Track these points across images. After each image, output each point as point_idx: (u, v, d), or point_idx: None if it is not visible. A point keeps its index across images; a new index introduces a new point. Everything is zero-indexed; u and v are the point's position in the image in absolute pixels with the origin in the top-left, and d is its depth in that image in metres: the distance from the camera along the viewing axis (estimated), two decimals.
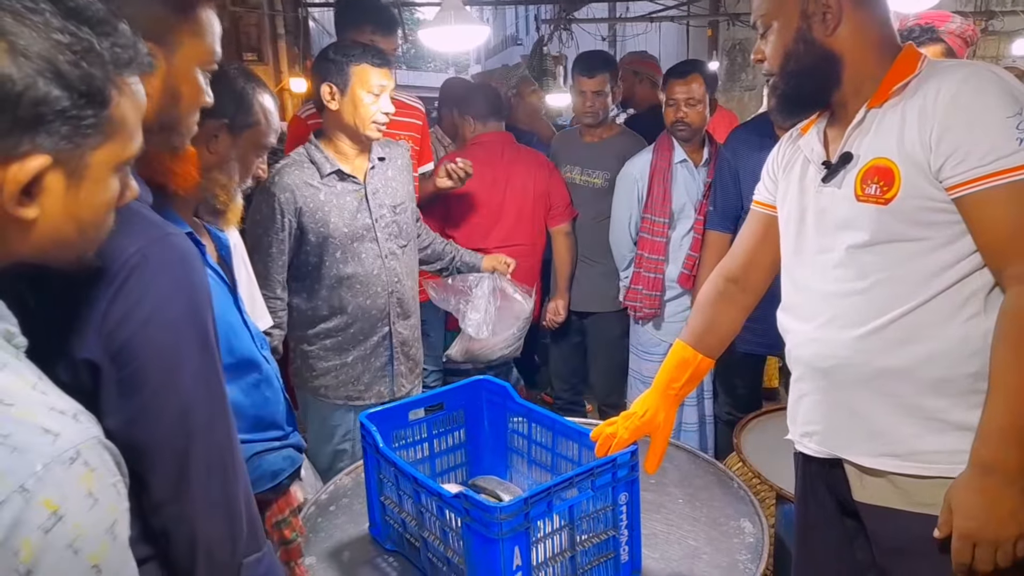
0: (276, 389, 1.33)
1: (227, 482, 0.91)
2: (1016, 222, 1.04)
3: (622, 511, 1.28)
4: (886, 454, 1.19)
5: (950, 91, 1.08)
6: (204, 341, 0.87)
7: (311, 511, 1.58)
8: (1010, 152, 1.03)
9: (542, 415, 1.52)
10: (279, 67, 8.88)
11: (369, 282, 2.02)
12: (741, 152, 2.38)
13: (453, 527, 1.21)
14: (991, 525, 1.05)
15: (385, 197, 2.04)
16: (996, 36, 8.20)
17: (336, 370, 2.06)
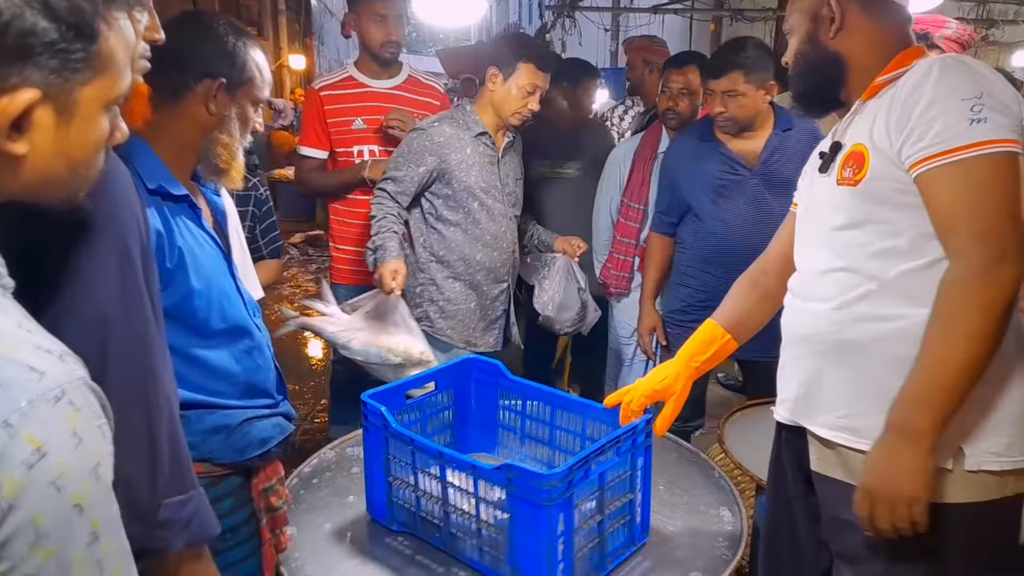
0: (267, 357, 1.34)
1: (148, 415, 0.89)
2: (959, 198, 1.07)
3: (638, 475, 1.34)
4: (842, 427, 1.23)
5: (915, 76, 1.13)
6: (123, 259, 0.85)
7: (294, 483, 1.58)
8: (961, 132, 1.06)
9: (539, 390, 1.55)
10: (279, 43, 8.83)
11: (497, 236, 2.27)
12: (682, 158, 2.41)
13: (492, 499, 1.22)
14: (888, 482, 1.10)
15: (511, 169, 2.32)
16: (996, 47, 8.23)
17: (463, 314, 2.28)
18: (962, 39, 2.19)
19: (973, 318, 1.05)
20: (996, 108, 1.07)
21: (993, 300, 1.04)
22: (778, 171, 2.29)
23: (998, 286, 1.04)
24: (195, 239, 1.21)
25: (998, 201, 1.06)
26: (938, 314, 1.08)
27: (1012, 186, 1.06)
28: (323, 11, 11.86)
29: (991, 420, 1.14)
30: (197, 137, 1.22)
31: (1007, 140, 1.06)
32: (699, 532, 1.44)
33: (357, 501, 1.52)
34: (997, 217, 1.06)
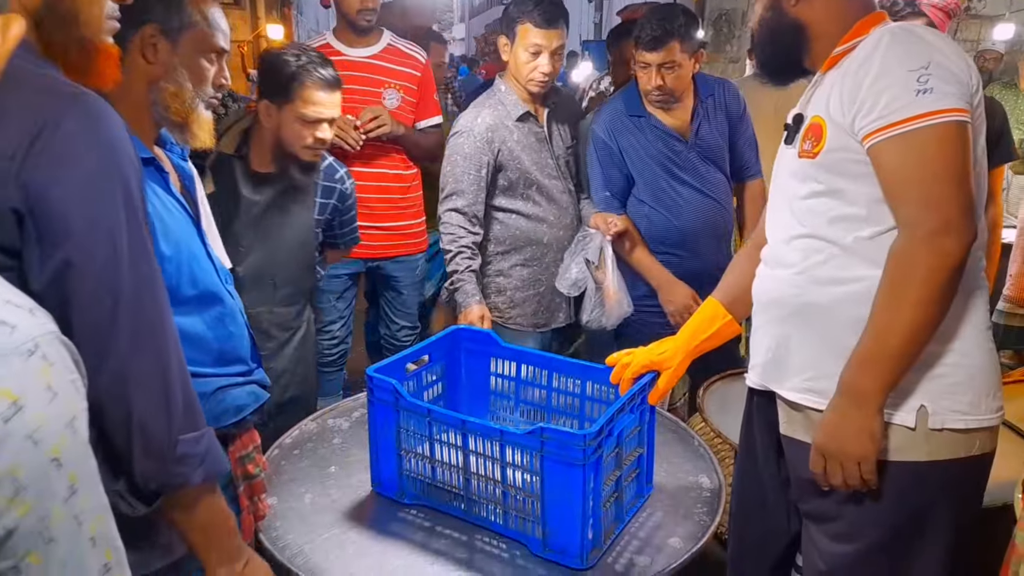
0: (240, 324, 1.32)
1: (158, 353, 0.90)
2: (905, 168, 1.09)
3: (645, 430, 1.38)
4: (808, 389, 1.25)
5: (865, 49, 1.14)
6: (127, 200, 0.86)
7: (275, 454, 1.58)
8: (907, 103, 1.07)
9: (534, 355, 1.58)
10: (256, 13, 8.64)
11: (559, 215, 2.20)
12: (620, 133, 2.21)
13: (521, 463, 1.23)
14: (837, 441, 1.15)
15: (560, 139, 2.21)
16: (978, 19, 8.25)
17: (531, 299, 2.23)
18: (947, 7, 2.18)
19: (917, 286, 1.07)
20: (942, 77, 1.07)
21: (936, 268, 1.06)
22: (708, 141, 2.22)
23: (941, 255, 1.06)
24: (163, 204, 1.19)
25: (943, 171, 1.07)
26: (885, 282, 1.11)
27: (958, 155, 1.07)
28: None
29: (954, 379, 1.16)
30: (144, 90, 1.18)
31: (952, 109, 1.06)
32: (678, 499, 1.46)
33: (339, 472, 1.52)
34: (941, 187, 1.07)
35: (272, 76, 1.77)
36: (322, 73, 1.77)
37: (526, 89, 2.10)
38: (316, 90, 1.76)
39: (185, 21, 1.21)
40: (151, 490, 0.95)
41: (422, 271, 2.73)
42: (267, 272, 1.86)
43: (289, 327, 1.94)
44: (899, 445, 1.16)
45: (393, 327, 2.73)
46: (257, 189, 1.83)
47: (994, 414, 1.19)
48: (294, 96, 1.76)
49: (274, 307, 1.90)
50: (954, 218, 1.06)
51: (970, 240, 1.08)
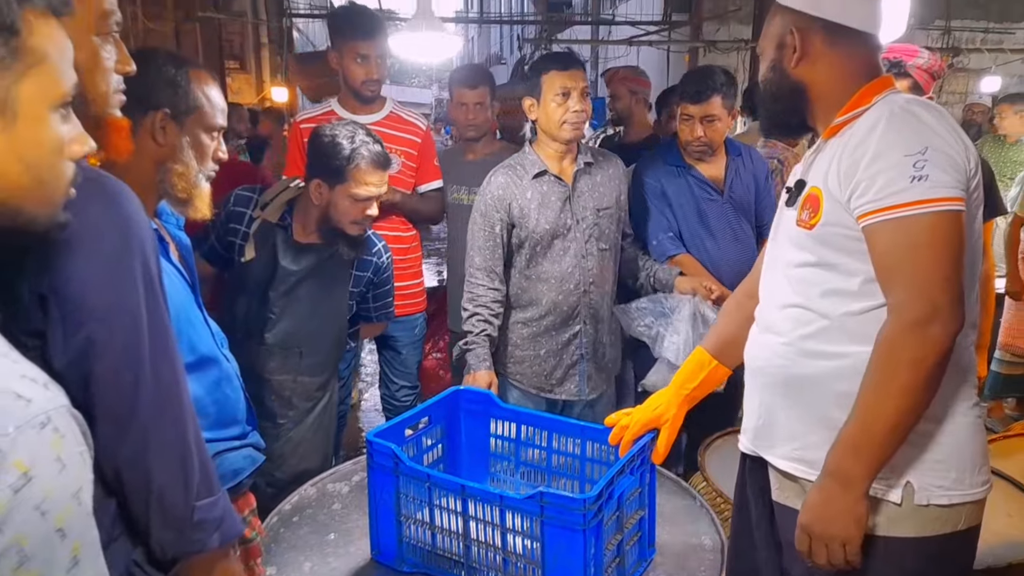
0: (236, 387, 1.34)
1: (177, 422, 0.92)
2: (896, 254, 1.09)
3: (646, 492, 1.37)
4: (798, 459, 1.24)
5: (864, 127, 1.15)
6: (146, 276, 0.88)
7: (274, 521, 1.57)
8: (902, 189, 1.07)
9: (533, 416, 1.57)
10: (261, 76, 8.89)
11: (564, 278, 2.12)
12: (661, 182, 2.37)
13: (520, 529, 1.22)
14: (822, 523, 1.14)
15: (590, 200, 2.13)
16: (965, 73, 8.45)
17: (530, 360, 2.17)
18: (932, 69, 2.25)
19: (903, 373, 1.07)
20: (939, 164, 1.07)
21: (923, 356, 1.07)
22: (740, 195, 2.37)
23: (928, 343, 1.06)
24: (163, 272, 1.22)
25: (933, 260, 1.07)
26: (872, 367, 1.10)
27: (949, 244, 1.08)
28: (306, 44, 11.97)
29: (938, 455, 1.15)
30: (152, 170, 1.23)
31: (947, 199, 1.07)
32: (682, 560, 1.44)
33: (338, 539, 1.51)
34: (931, 276, 1.07)
35: (326, 158, 1.81)
36: (373, 153, 1.83)
37: (560, 139, 2.06)
38: (369, 172, 1.82)
39: (191, 105, 1.26)
40: (167, 558, 0.96)
41: (421, 331, 2.74)
42: (295, 341, 1.88)
43: (312, 397, 1.94)
44: (886, 520, 1.16)
45: (392, 387, 2.73)
46: (296, 259, 1.86)
47: (980, 488, 1.18)
48: (348, 177, 1.81)
49: (299, 376, 1.91)
50: (942, 307, 1.07)
51: (957, 328, 1.08)
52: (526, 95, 2.11)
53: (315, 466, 1.92)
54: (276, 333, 1.85)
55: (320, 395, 1.96)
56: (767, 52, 1.30)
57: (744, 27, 8.14)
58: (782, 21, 1.26)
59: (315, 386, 1.94)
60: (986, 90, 7.59)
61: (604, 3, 12.66)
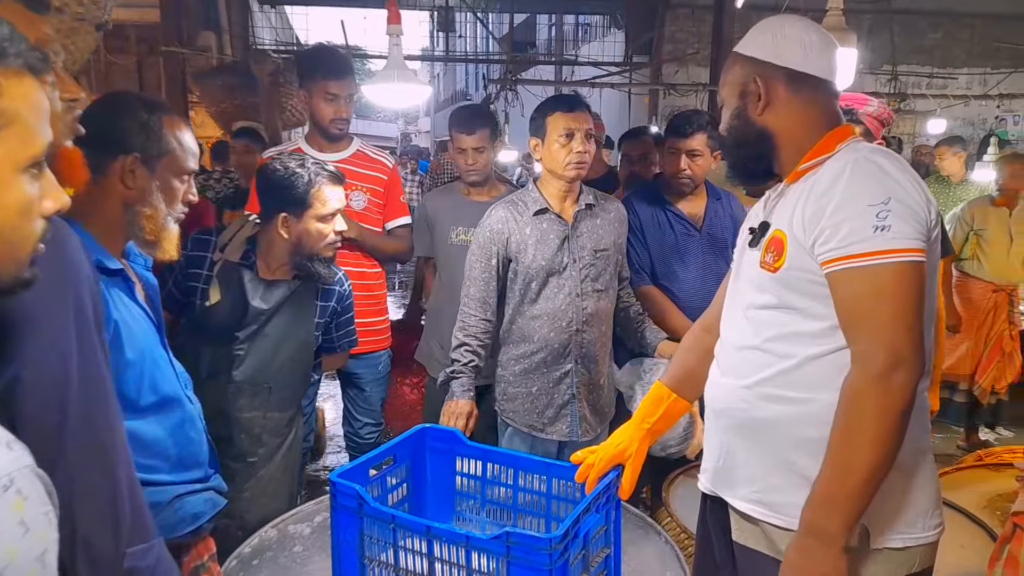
0: (199, 430, 1.32)
1: (107, 466, 0.89)
2: (860, 303, 1.11)
3: (611, 529, 1.36)
4: (757, 501, 1.25)
5: (829, 175, 1.17)
6: (79, 317, 0.86)
7: (233, 565, 1.53)
8: (865, 238, 1.09)
9: (500, 454, 1.56)
10: None
11: (557, 316, 2.12)
12: (640, 217, 2.48)
13: (487, 570, 1.20)
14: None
15: (588, 240, 2.15)
16: (912, 115, 8.82)
17: (522, 398, 2.17)
18: (881, 116, 2.35)
19: (872, 424, 1.08)
20: (901, 215, 1.09)
21: (889, 406, 1.08)
22: (717, 233, 2.47)
23: (893, 392, 1.08)
24: (129, 312, 1.21)
25: (896, 309, 1.09)
26: (840, 420, 1.11)
27: (910, 294, 1.10)
28: None
29: (893, 500, 1.17)
30: (120, 212, 1.23)
31: (908, 250, 1.10)
32: None
33: None
34: (894, 326, 1.09)
35: (287, 191, 1.82)
36: (328, 172, 1.87)
37: (563, 178, 2.09)
38: (328, 188, 1.85)
39: (163, 149, 1.26)
40: None
41: (385, 367, 2.72)
42: (264, 377, 1.86)
43: (280, 433, 1.92)
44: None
45: (356, 424, 2.70)
46: (266, 297, 1.85)
47: (933, 531, 1.20)
48: (312, 201, 1.83)
49: (268, 412, 1.88)
50: (906, 356, 1.09)
51: (919, 375, 1.10)
52: (532, 137, 2.15)
53: (283, 506, 1.89)
54: (244, 370, 1.83)
55: (287, 431, 1.94)
56: (729, 101, 1.32)
57: (702, 69, 8.39)
58: (743, 70, 1.29)
59: (284, 421, 1.92)
60: (932, 132, 7.91)
61: (567, 44, 12.96)
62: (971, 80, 9.56)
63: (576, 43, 12.85)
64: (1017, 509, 1.41)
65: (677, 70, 8.82)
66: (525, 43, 14.55)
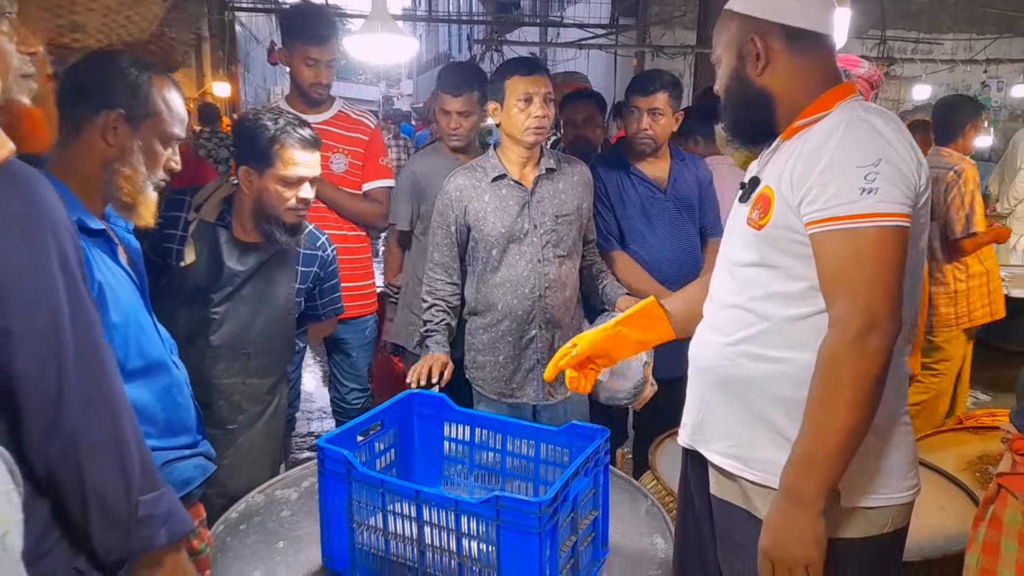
0: (187, 395, 1.31)
1: (110, 416, 0.88)
2: (841, 266, 1.10)
3: (600, 492, 1.37)
4: (733, 456, 1.26)
5: (822, 133, 1.15)
6: (62, 260, 0.84)
7: (220, 529, 1.52)
8: (851, 200, 1.08)
9: (488, 419, 1.57)
10: (202, 70, 8.65)
11: (519, 283, 2.11)
12: (605, 181, 2.45)
13: (475, 534, 1.21)
14: (782, 545, 1.13)
15: (549, 206, 2.12)
16: (897, 80, 8.81)
17: (491, 366, 2.17)
18: (872, 79, 2.33)
19: (848, 388, 1.08)
20: (890, 178, 1.08)
21: (865, 370, 1.08)
22: (683, 193, 2.46)
23: (869, 356, 1.08)
24: (112, 274, 1.18)
25: (875, 274, 1.09)
26: (817, 383, 1.11)
27: (892, 259, 1.09)
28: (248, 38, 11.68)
29: (865, 461, 1.17)
30: (99, 170, 1.19)
31: (894, 214, 1.08)
32: (634, 560, 1.46)
33: (288, 547, 1.47)
34: (872, 290, 1.09)
35: (251, 142, 1.75)
36: (301, 133, 1.77)
37: (522, 143, 2.06)
38: (296, 151, 1.75)
39: (149, 110, 1.22)
40: (113, 560, 0.91)
41: (372, 333, 2.70)
42: (241, 342, 1.82)
43: (262, 400, 1.89)
44: None
45: (343, 390, 2.69)
46: (242, 259, 1.80)
47: (907, 492, 1.21)
48: (275, 159, 1.74)
49: (247, 378, 1.85)
50: (881, 319, 1.08)
51: (894, 337, 1.10)
52: (491, 100, 2.11)
53: (265, 473, 1.88)
54: (222, 335, 1.79)
55: (269, 399, 1.91)
56: (726, 61, 1.29)
57: (689, 32, 8.30)
58: (739, 28, 1.25)
59: (264, 388, 1.89)
60: (917, 97, 7.93)
61: (552, 5, 12.75)
62: (956, 46, 9.55)
63: (561, 4, 12.64)
64: (1002, 470, 1.42)
65: (664, 33, 8.72)
66: (509, 3, 14.29)
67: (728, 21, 1.28)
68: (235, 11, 8.95)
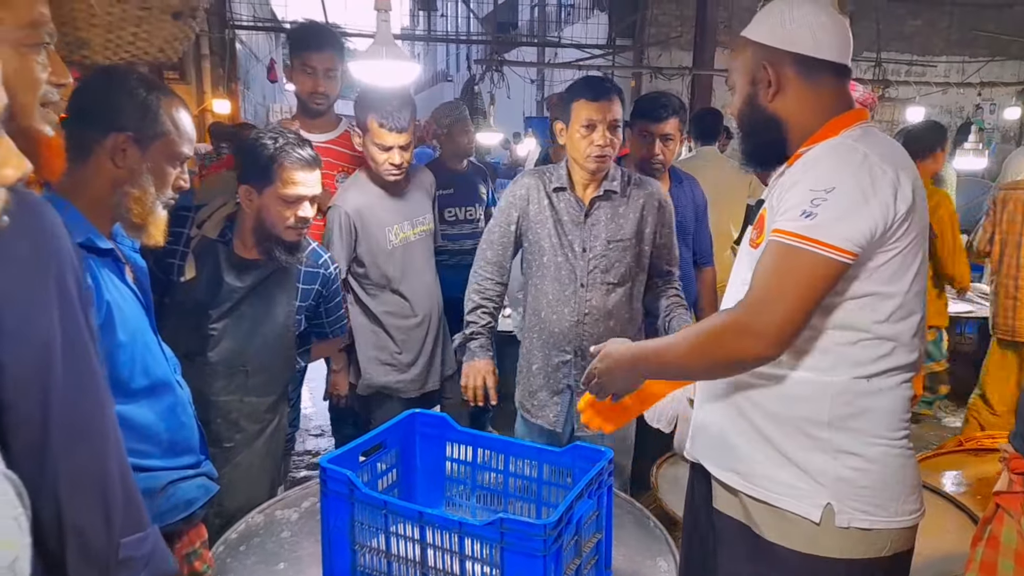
0: (190, 415, 1.31)
1: (96, 453, 0.86)
2: (766, 267, 1.14)
3: (603, 514, 1.37)
4: (733, 470, 1.27)
5: (812, 155, 1.19)
6: (62, 294, 0.83)
7: (220, 550, 1.51)
8: (792, 218, 1.12)
9: (491, 439, 1.56)
10: (202, 88, 8.68)
11: (560, 302, 2.04)
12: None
13: (479, 556, 1.21)
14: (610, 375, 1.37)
15: (603, 229, 2.03)
16: (892, 103, 8.90)
17: (523, 373, 2.12)
18: (866, 102, 2.37)
19: (709, 354, 1.18)
20: (837, 208, 1.09)
21: (729, 356, 1.15)
22: (680, 217, 2.46)
23: (739, 351, 1.14)
24: (120, 293, 1.18)
25: (788, 292, 1.11)
26: (699, 330, 1.21)
27: (809, 284, 1.11)
28: (249, 56, 11.75)
29: (862, 483, 1.18)
30: (108, 191, 1.19)
31: (828, 245, 1.09)
32: None
33: (288, 569, 1.46)
34: (780, 302, 1.11)
35: (251, 160, 1.76)
36: (300, 153, 1.78)
37: (584, 168, 2.00)
38: (296, 170, 1.76)
39: (158, 131, 1.22)
40: None
41: None
42: (240, 359, 1.81)
43: (261, 419, 1.88)
44: (805, 538, 1.19)
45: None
46: (240, 276, 1.80)
47: (908, 516, 1.21)
48: (274, 178, 1.75)
49: (245, 396, 1.84)
50: (769, 334, 1.12)
51: (769, 356, 1.14)
52: (556, 119, 2.07)
53: (263, 494, 1.86)
54: (220, 351, 1.79)
55: (269, 417, 1.90)
56: (740, 87, 1.31)
57: (685, 53, 8.38)
58: (753, 56, 1.27)
59: (263, 407, 1.88)
60: (911, 119, 8.00)
61: (550, 26, 12.87)
62: (949, 68, 9.67)
63: (559, 24, 12.77)
64: (998, 489, 1.42)
65: (660, 54, 8.81)
66: (507, 24, 14.44)
67: (743, 48, 1.31)
68: (235, 29, 9.02)
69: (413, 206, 2.38)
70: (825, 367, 1.18)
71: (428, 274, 2.45)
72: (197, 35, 6.20)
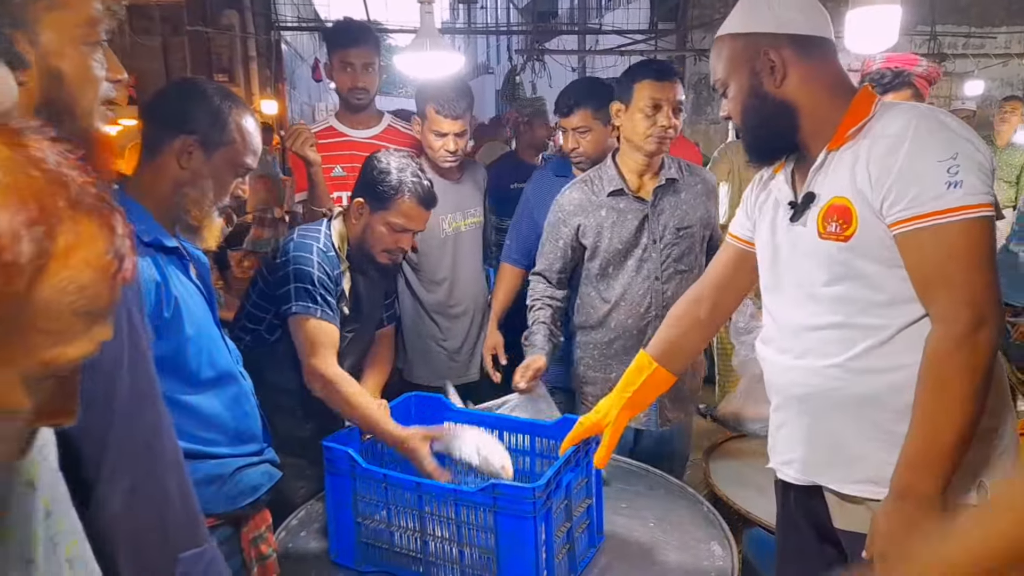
0: (253, 404, 1.36)
1: (155, 469, 0.88)
2: (935, 262, 1.09)
3: (593, 482, 1.43)
4: (864, 480, 1.22)
5: (893, 133, 1.13)
6: (130, 323, 0.84)
7: (282, 536, 1.56)
8: (936, 196, 1.07)
9: (486, 416, 1.64)
10: (250, 89, 8.88)
11: (635, 302, 2.02)
12: (541, 193, 2.33)
13: (474, 521, 1.29)
14: (898, 547, 1.10)
15: (671, 218, 2.03)
16: (948, 77, 8.57)
17: (601, 383, 2.05)
18: (929, 76, 2.29)
19: (960, 384, 1.07)
20: (971, 169, 1.07)
21: (977, 364, 1.07)
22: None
23: (980, 350, 1.07)
24: (186, 289, 1.24)
25: (972, 266, 1.08)
26: (926, 380, 1.10)
27: (985, 250, 1.08)
28: (294, 56, 11.96)
29: (1000, 448, 1.16)
30: (171, 191, 1.24)
31: (980, 205, 1.06)
32: (691, 568, 1.45)
33: None
34: (972, 284, 1.07)
35: (374, 182, 1.81)
36: (422, 190, 1.81)
37: (642, 150, 1.97)
38: (413, 205, 1.80)
39: (224, 139, 1.27)
40: None
41: None
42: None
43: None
44: None
45: None
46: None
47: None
48: (391, 206, 1.79)
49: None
50: (988, 314, 1.07)
51: (1002, 329, 1.08)
52: (616, 100, 2.02)
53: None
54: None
55: None
56: (736, 82, 1.27)
57: None
58: (745, 48, 1.24)
59: None
60: (970, 93, 7.70)
61: (591, 12, 12.76)
62: (1010, 39, 9.23)
63: (600, 11, 12.64)
64: None
65: (704, 36, 8.65)
66: (547, 12, 14.35)
67: (729, 44, 1.27)
68: (281, 30, 9.19)
69: (465, 197, 2.41)
70: None
71: (475, 265, 2.48)
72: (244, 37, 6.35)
